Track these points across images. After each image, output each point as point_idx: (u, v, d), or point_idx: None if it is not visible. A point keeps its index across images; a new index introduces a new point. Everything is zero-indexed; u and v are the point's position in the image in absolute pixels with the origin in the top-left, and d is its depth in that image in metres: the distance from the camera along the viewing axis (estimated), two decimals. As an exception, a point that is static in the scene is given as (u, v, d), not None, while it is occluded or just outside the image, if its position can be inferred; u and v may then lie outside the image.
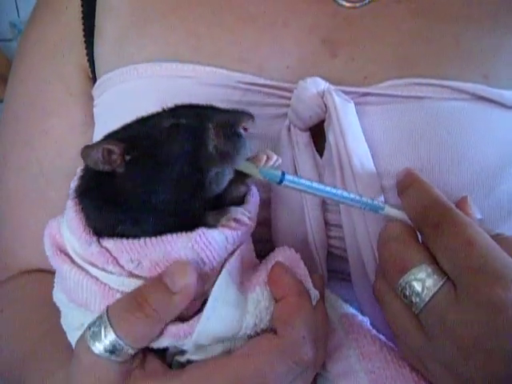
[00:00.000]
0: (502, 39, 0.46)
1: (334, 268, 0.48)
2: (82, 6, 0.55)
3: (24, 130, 0.57)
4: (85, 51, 0.55)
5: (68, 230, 0.40)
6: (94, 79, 0.55)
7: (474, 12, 0.47)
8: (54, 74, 0.57)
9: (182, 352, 0.39)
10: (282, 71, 0.48)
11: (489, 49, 0.46)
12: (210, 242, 0.38)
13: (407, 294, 0.36)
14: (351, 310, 0.44)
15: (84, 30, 0.55)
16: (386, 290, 0.38)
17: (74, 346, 0.43)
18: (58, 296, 0.43)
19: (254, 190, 0.43)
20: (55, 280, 0.44)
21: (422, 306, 0.35)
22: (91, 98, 0.55)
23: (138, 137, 0.39)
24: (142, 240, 0.37)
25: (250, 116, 0.39)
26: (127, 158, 0.38)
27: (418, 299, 0.35)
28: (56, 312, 0.49)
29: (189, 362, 0.39)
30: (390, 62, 0.47)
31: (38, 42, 0.58)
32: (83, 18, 0.55)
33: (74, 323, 0.42)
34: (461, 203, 0.40)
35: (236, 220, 0.39)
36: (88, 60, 0.55)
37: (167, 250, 0.37)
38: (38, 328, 0.52)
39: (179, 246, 0.37)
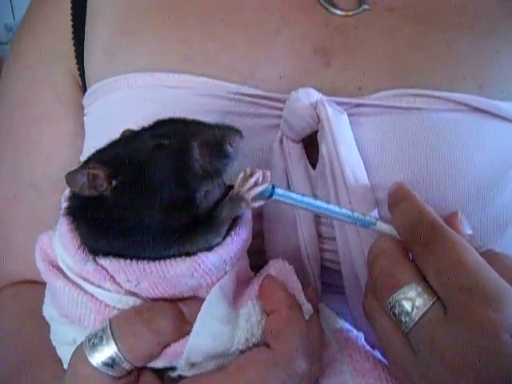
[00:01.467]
0: (497, 49, 0.46)
1: (327, 281, 0.47)
2: (72, 13, 0.55)
3: (13, 137, 0.57)
4: (75, 59, 0.55)
5: (61, 246, 0.40)
6: (84, 88, 0.55)
7: (468, 20, 0.47)
8: (43, 80, 0.56)
9: (174, 368, 0.39)
10: (274, 81, 0.47)
11: (483, 58, 0.46)
12: (210, 268, 0.38)
13: (396, 312, 0.36)
14: (346, 325, 0.44)
15: (74, 38, 0.54)
16: (376, 307, 0.38)
17: (63, 361, 0.43)
18: (49, 311, 0.43)
19: None
20: (45, 295, 0.44)
21: (411, 326, 0.35)
22: (81, 107, 0.55)
23: (122, 160, 0.38)
24: (140, 263, 0.37)
25: (238, 132, 0.38)
26: (113, 182, 0.38)
27: (407, 318, 0.35)
28: (46, 324, 0.49)
29: (180, 377, 0.39)
30: (383, 71, 0.46)
31: (28, 47, 0.57)
32: (73, 25, 0.54)
33: (65, 338, 0.42)
34: (451, 218, 0.39)
35: (252, 173, 0.38)
36: (78, 68, 0.55)
37: (166, 276, 0.37)
38: (30, 339, 0.52)
39: (179, 274, 0.37)
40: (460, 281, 0.33)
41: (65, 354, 0.42)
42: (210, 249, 0.38)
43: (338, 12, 0.49)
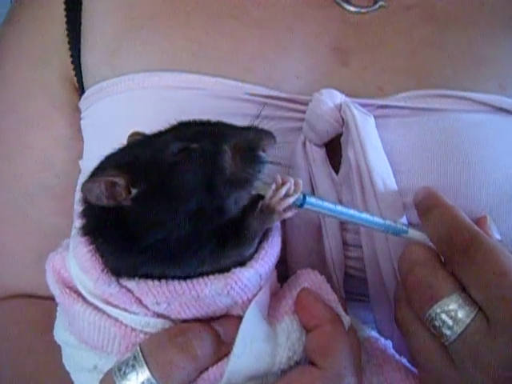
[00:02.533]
0: None
1: (349, 289, 0.46)
2: (66, 9, 0.50)
3: (4, 143, 0.53)
4: (70, 59, 0.50)
5: (79, 268, 0.36)
6: (80, 89, 0.51)
7: (486, 18, 0.46)
8: (34, 82, 0.52)
9: None
10: (291, 81, 0.45)
11: (503, 57, 0.45)
12: (246, 284, 0.35)
13: (437, 325, 0.34)
14: (374, 334, 0.43)
15: (68, 36, 0.50)
16: (412, 318, 0.37)
17: None
18: (63, 336, 0.39)
19: None
20: (58, 318, 0.41)
21: (453, 339, 0.34)
22: (77, 110, 0.51)
23: (143, 165, 0.35)
24: (170, 284, 0.35)
25: (271, 135, 0.36)
26: (133, 191, 0.34)
27: (449, 331, 0.34)
28: (47, 341, 0.46)
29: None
30: (403, 71, 0.45)
31: (15, 48, 0.53)
32: (67, 22, 0.50)
33: (83, 365, 0.39)
34: (479, 223, 0.38)
35: (283, 182, 0.36)
36: (74, 69, 0.51)
37: (200, 295, 0.35)
38: (30, 361, 0.49)
39: (213, 293, 0.35)
40: (503, 291, 0.33)
41: (82, 380, 0.39)
42: (243, 263, 0.36)
43: (353, 9, 0.47)
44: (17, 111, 0.52)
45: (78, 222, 0.37)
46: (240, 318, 0.36)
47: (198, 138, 0.35)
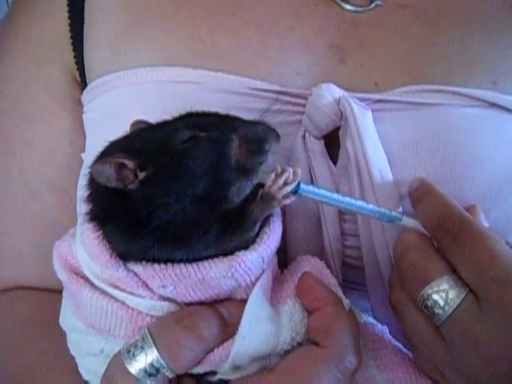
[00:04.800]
0: (509, 45, 0.47)
1: (346, 277, 0.47)
2: (68, 4, 0.51)
3: (5, 138, 0.53)
4: (72, 53, 0.51)
5: (87, 254, 0.37)
6: (82, 83, 0.52)
7: (479, 17, 0.48)
8: (35, 76, 0.53)
9: (214, 372, 0.38)
10: (291, 77, 0.47)
11: (496, 54, 0.47)
12: (250, 267, 0.36)
13: (429, 305, 0.36)
14: (370, 319, 0.44)
15: (71, 31, 0.51)
16: (405, 300, 0.38)
17: (84, 372, 0.41)
18: (70, 321, 0.40)
19: None
20: (63, 304, 0.41)
21: (444, 318, 0.35)
22: (80, 104, 0.52)
23: (152, 150, 0.36)
24: (176, 267, 0.36)
25: (276, 133, 0.38)
26: (141, 174, 0.36)
27: (440, 311, 0.35)
28: (47, 333, 0.46)
29: (221, 381, 0.38)
30: (399, 68, 0.47)
31: (17, 42, 0.53)
32: (70, 17, 0.51)
33: (90, 349, 0.39)
34: (469, 212, 0.40)
35: (282, 171, 0.37)
36: (76, 62, 0.52)
37: (205, 278, 0.36)
38: (32, 351, 0.49)
39: (218, 275, 0.36)
40: (492, 272, 0.34)
41: (87, 365, 0.40)
42: (246, 247, 0.37)
43: (351, 8, 0.49)
44: (19, 106, 0.53)
45: (83, 208, 0.38)
46: (243, 302, 0.37)
47: (206, 127, 0.37)
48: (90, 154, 0.50)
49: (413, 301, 0.38)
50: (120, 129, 0.40)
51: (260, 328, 0.36)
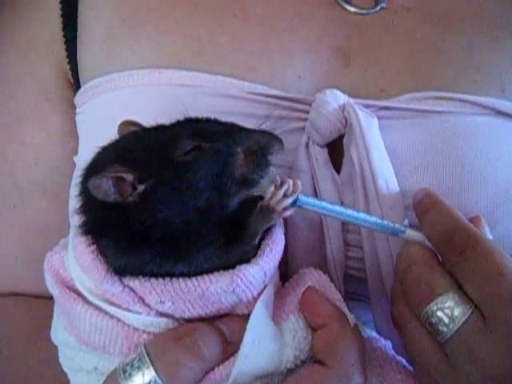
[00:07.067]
0: None
1: (348, 289, 0.46)
2: (62, 2, 0.49)
3: None
4: (65, 54, 0.49)
5: (80, 268, 0.35)
6: (76, 85, 0.50)
7: (486, 22, 0.47)
8: (26, 75, 0.51)
9: None
10: (293, 81, 0.45)
11: (504, 61, 0.45)
12: (252, 282, 0.35)
13: (433, 322, 0.35)
14: (374, 334, 0.43)
15: (64, 29, 0.49)
16: (408, 316, 0.37)
17: None
18: (63, 337, 0.39)
19: None
20: (55, 319, 0.40)
21: (449, 336, 0.34)
22: (73, 106, 0.50)
23: (151, 162, 0.35)
24: (175, 282, 0.34)
25: (280, 141, 0.36)
26: (140, 187, 0.34)
27: (445, 328, 0.34)
28: (39, 340, 0.45)
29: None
30: (404, 73, 0.45)
31: (8, 41, 0.51)
32: (63, 16, 0.49)
33: (83, 366, 0.38)
34: (473, 224, 0.38)
35: (282, 183, 0.36)
36: (69, 62, 0.49)
37: (205, 293, 0.34)
38: (22, 356, 0.48)
39: (219, 290, 0.34)
40: (499, 289, 0.33)
41: (80, 381, 0.38)
42: (247, 260, 0.36)
43: (355, 10, 0.47)
44: (9, 106, 0.51)
45: (75, 219, 0.37)
46: (244, 317, 0.36)
47: (209, 137, 0.35)
48: (82, 158, 0.48)
49: (416, 316, 0.36)
50: (113, 133, 0.38)
51: (263, 346, 0.35)
